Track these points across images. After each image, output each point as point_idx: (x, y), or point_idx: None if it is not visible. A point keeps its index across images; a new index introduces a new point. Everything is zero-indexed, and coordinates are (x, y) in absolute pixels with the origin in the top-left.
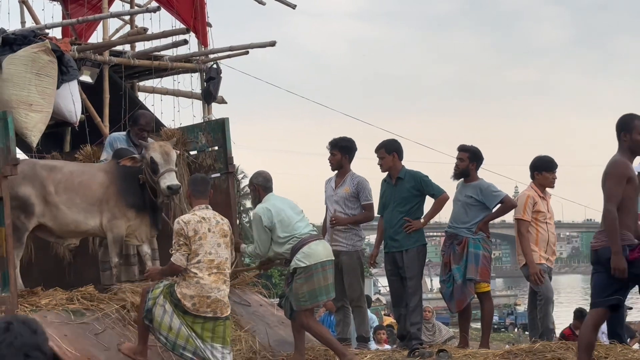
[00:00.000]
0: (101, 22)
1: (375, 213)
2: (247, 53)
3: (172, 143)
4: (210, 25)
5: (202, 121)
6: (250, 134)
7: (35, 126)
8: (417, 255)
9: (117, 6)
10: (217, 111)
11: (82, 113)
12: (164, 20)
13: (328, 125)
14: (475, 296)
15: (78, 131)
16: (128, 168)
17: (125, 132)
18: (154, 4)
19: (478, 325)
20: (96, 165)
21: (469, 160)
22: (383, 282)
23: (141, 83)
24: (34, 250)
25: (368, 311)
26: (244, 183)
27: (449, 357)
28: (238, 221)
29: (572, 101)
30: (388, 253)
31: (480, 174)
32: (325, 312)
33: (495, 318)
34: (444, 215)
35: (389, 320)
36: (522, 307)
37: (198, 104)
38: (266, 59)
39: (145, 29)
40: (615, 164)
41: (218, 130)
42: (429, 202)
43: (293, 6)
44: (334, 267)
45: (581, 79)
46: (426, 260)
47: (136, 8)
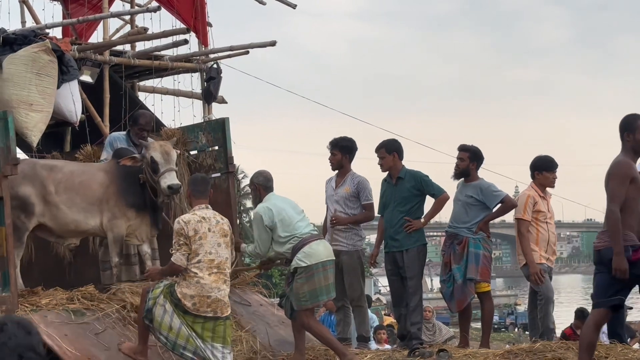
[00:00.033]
0: (101, 22)
1: (375, 213)
2: (248, 53)
3: (173, 143)
4: (210, 25)
5: (203, 121)
6: (250, 134)
7: (35, 126)
8: (418, 255)
9: (118, 6)
10: (218, 111)
11: (83, 113)
12: (164, 20)
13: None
14: (475, 296)
15: (78, 131)
16: (128, 168)
17: (125, 132)
18: (154, 4)
19: (478, 325)
20: (96, 165)
21: (470, 160)
22: (383, 282)
23: (141, 83)
24: (35, 249)
25: (368, 311)
26: (244, 183)
27: (449, 357)
28: (238, 221)
29: (573, 101)
30: (388, 253)
31: (480, 174)
32: (325, 312)
33: (495, 318)
34: (444, 215)
35: (389, 320)
36: (523, 307)
37: (198, 104)
38: (266, 59)
39: (145, 29)
40: (618, 164)
41: (218, 130)
42: (429, 202)
43: (293, 6)
44: (335, 267)
45: (581, 79)
46: (426, 260)
47: (136, 8)
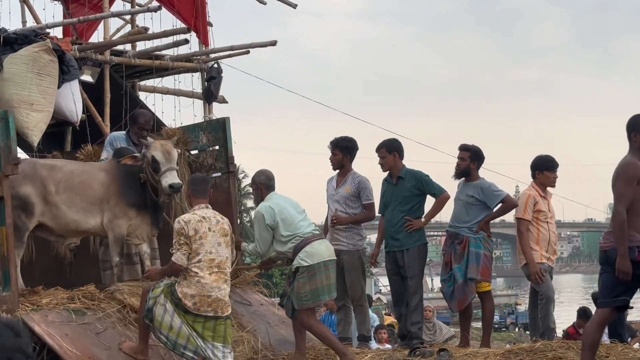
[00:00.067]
0: (102, 22)
1: (376, 212)
2: (248, 53)
3: (173, 142)
4: (211, 24)
5: (203, 121)
6: (251, 134)
7: (36, 126)
8: (418, 254)
9: (118, 5)
10: (218, 111)
11: (83, 112)
12: (165, 19)
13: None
14: (476, 295)
15: (79, 131)
16: (129, 167)
17: (124, 132)
18: (155, 4)
19: (479, 324)
20: (97, 164)
21: (470, 159)
22: (384, 282)
23: (142, 82)
24: (35, 249)
25: (369, 310)
26: (245, 182)
27: (450, 357)
28: (239, 220)
29: (573, 101)
30: (389, 252)
31: (481, 174)
32: (326, 311)
33: (496, 317)
34: (445, 214)
35: (390, 319)
36: (523, 307)
37: (199, 104)
38: (267, 59)
39: (146, 29)
40: (625, 165)
41: (219, 129)
42: (430, 202)
43: (294, 6)
44: (336, 267)
45: (581, 79)
46: (427, 259)
47: (137, 7)
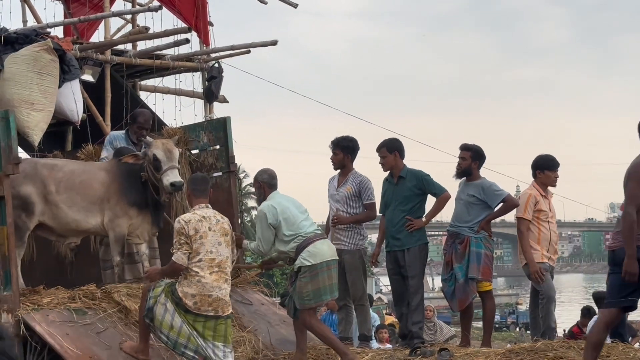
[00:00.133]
0: (103, 21)
1: (377, 212)
2: (249, 52)
3: (174, 141)
4: (211, 24)
5: (204, 120)
6: (251, 133)
7: (37, 125)
8: (419, 254)
9: (119, 5)
10: (219, 110)
11: (84, 112)
12: (166, 19)
13: (329, 124)
14: (477, 295)
15: (80, 130)
16: (129, 166)
17: (124, 131)
18: (156, 3)
19: (480, 324)
20: (97, 164)
21: (471, 159)
22: (385, 281)
23: (143, 82)
24: (36, 249)
25: (370, 310)
26: (245, 182)
27: (451, 356)
28: (239, 220)
29: (573, 100)
30: (390, 252)
31: (482, 173)
32: (327, 311)
33: (496, 317)
34: (446, 214)
35: (391, 319)
36: (524, 306)
37: (200, 103)
38: (267, 58)
39: (146, 28)
40: (637, 166)
41: (220, 129)
42: (431, 201)
43: (295, 5)
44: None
45: (581, 79)
46: (428, 259)
47: (138, 7)
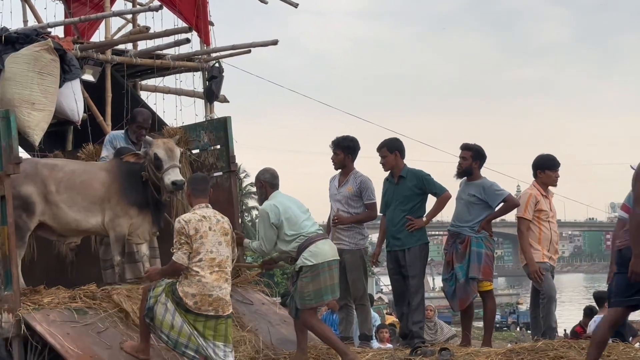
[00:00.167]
0: (103, 21)
1: (377, 212)
2: (250, 52)
3: (175, 140)
4: (212, 24)
5: (204, 120)
6: (252, 133)
7: (37, 125)
8: (420, 253)
9: (120, 5)
10: (219, 110)
11: (85, 112)
12: (166, 19)
13: (330, 124)
14: (477, 295)
15: (80, 130)
16: (130, 166)
17: (123, 130)
18: (156, 3)
19: (480, 324)
20: (98, 163)
21: (472, 158)
22: (385, 281)
23: (143, 82)
24: (37, 248)
25: (371, 310)
26: (246, 182)
27: (451, 356)
28: (240, 220)
29: (573, 100)
30: (390, 252)
31: (482, 173)
32: (327, 311)
33: (497, 317)
34: (447, 214)
35: (391, 319)
36: (525, 306)
37: (200, 103)
38: (268, 58)
39: (147, 28)
40: None
41: (220, 129)
42: (431, 201)
43: (295, 5)
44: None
45: (581, 79)
46: (428, 259)
47: (138, 7)
